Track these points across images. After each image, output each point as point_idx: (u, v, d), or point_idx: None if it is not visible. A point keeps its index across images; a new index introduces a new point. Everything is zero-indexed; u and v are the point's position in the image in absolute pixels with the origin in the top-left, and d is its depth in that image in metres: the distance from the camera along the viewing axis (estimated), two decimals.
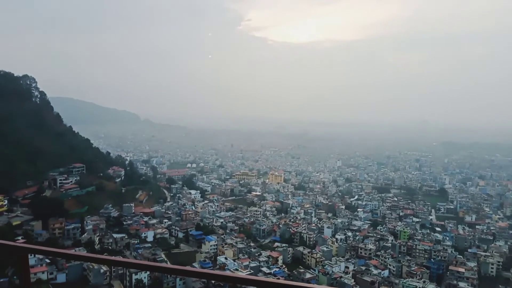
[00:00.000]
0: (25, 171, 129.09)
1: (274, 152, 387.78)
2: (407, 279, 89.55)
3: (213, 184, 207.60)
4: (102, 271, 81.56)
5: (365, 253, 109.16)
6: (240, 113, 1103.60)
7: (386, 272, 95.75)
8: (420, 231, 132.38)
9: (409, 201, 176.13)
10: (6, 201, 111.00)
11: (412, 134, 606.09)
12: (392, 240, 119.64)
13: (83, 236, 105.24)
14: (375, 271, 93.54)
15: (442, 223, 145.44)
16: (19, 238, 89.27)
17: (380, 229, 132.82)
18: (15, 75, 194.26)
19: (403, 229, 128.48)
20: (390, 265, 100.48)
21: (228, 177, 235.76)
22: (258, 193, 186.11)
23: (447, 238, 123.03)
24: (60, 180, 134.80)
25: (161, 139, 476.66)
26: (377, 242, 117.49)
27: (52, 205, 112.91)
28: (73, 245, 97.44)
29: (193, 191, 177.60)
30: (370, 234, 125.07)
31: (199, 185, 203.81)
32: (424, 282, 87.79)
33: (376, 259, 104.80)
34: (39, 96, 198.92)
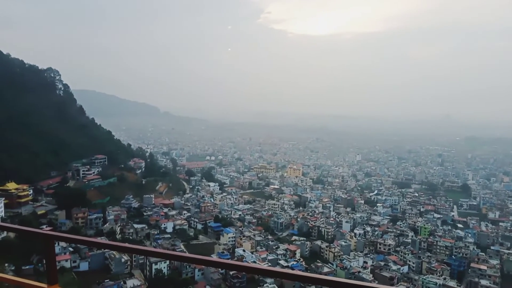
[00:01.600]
0: (49, 162, 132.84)
1: (293, 146, 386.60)
2: (427, 276, 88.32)
3: (231, 176, 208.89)
4: (123, 260, 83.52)
5: (384, 249, 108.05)
6: (259, 106, 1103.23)
7: (405, 268, 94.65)
8: (441, 228, 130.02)
9: (430, 196, 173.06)
10: (31, 191, 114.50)
11: (434, 128, 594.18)
12: (412, 236, 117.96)
13: (105, 226, 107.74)
14: (394, 267, 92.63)
15: (464, 219, 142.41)
16: (44, 226, 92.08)
17: (400, 224, 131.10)
18: (39, 67, 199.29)
19: (424, 225, 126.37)
20: (409, 261, 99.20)
21: (246, 170, 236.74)
22: (276, 187, 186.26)
23: (469, 235, 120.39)
24: (83, 171, 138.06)
25: (180, 132, 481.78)
26: (396, 238, 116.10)
27: (75, 195, 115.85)
28: (95, 234, 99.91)
29: (211, 184, 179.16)
30: (389, 230, 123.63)
31: (218, 177, 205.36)
32: (444, 279, 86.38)
33: (395, 255, 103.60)
34: (62, 88, 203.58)
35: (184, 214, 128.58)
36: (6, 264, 68.59)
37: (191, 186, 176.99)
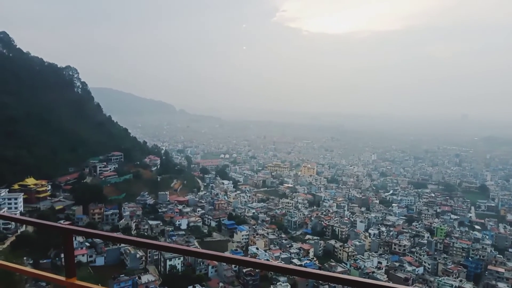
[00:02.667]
0: (67, 158, 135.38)
1: (307, 144, 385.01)
2: (442, 277, 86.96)
3: (245, 175, 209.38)
4: (138, 255, 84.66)
5: (399, 249, 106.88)
6: (273, 105, 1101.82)
7: (420, 269, 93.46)
8: (458, 229, 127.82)
9: (447, 197, 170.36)
10: (49, 187, 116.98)
11: (452, 128, 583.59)
12: (428, 237, 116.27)
13: (121, 221, 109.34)
14: (409, 268, 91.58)
15: (482, 221, 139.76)
16: (62, 221, 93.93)
17: (416, 225, 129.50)
18: (58, 66, 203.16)
19: (440, 226, 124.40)
20: (425, 262, 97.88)
21: (260, 168, 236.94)
22: (290, 185, 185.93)
23: (487, 237, 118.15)
24: (100, 167, 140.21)
25: (195, 130, 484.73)
26: (412, 239, 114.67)
27: (92, 191, 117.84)
28: (111, 230, 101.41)
29: (226, 181, 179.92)
30: (404, 230, 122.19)
31: (232, 175, 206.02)
32: (460, 281, 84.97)
33: (410, 256, 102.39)
34: (80, 86, 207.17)
35: (198, 211, 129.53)
36: (25, 258, 70.24)
37: (205, 184, 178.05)
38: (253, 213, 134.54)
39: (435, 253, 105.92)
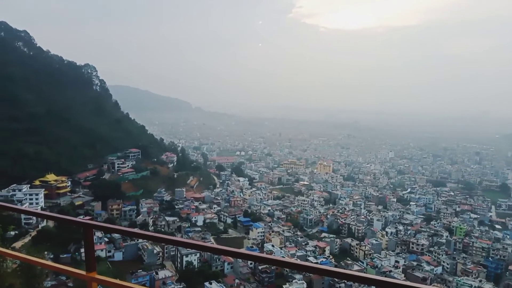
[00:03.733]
0: (86, 155, 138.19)
1: (323, 142, 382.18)
2: (462, 277, 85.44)
3: (261, 172, 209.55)
4: (155, 251, 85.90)
5: (417, 248, 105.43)
6: (289, 102, 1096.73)
7: (439, 269, 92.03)
8: (478, 228, 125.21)
9: (467, 196, 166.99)
10: (69, 183, 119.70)
11: (472, 125, 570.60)
12: (447, 236, 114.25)
13: (139, 217, 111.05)
14: (427, 267, 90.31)
15: (503, 220, 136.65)
16: (81, 217, 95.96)
17: (434, 224, 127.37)
18: (77, 64, 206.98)
19: (460, 225, 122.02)
20: (443, 262, 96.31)
21: (276, 165, 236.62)
22: (305, 183, 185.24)
23: (508, 237, 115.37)
24: (118, 164, 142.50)
25: (211, 127, 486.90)
26: (430, 238, 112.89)
27: (110, 187, 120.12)
28: (129, 225, 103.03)
29: (241, 178, 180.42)
30: (423, 229, 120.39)
31: (247, 172, 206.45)
32: (480, 281, 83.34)
33: (428, 255, 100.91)
34: (99, 84, 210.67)
35: (214, 208, 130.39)
36: (46, 252, 71.98)
37: (221, 181, 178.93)
38: (269, 210, 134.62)
39: (454, 252, 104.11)
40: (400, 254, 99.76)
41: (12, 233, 74.83)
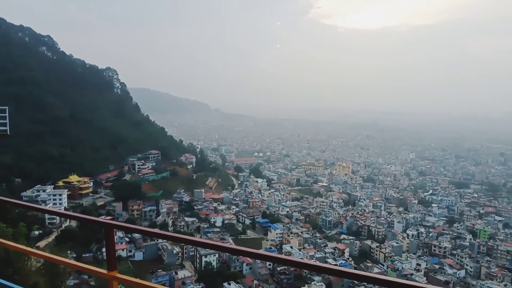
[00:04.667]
0: (107, 156, 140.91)
1: (342, 143, 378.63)
2: (486, 281, 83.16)
3: (279, 173, 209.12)
4: (175, 251, 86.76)
5: (439, 251, 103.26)
6: (308, 103, 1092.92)
7: (462, 272, 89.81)
8: (502, 231, 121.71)
9: (491, 198, 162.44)
10: (91, 183, 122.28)
11: (496, 125, 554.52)
12: (470, 239, 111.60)
13: (158, 218, 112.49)
14: (450, 271, 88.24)
15: None
16: (103, 217, 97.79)
17: (457, 226, 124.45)
18: (99, 67, 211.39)
19: (483, 228, 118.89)
20: (467, 265, 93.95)
21: (294, 166, 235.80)
22: (324, 184, 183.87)
23: None
24: (138, 165, 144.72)
25: (229, 128, 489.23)
26: (453, 240, 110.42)
27: (131, 188, 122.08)
28: (149, 226, 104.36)
29: (259, 180, 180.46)
30: (445, 231, 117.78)
31: (266, 173, 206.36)
32: (505, 285, 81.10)
33: (451, 258, 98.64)
34: (120, 87, 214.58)
35: (233, 209, 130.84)
36: (68, 251, 73.62)
37: (239, 182, 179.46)
38: (287, 211, 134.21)
39: (478, 255, 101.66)
40: (422, 257, 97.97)
41: (36, 232, 76.75)
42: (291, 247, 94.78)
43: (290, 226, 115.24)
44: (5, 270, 8.69)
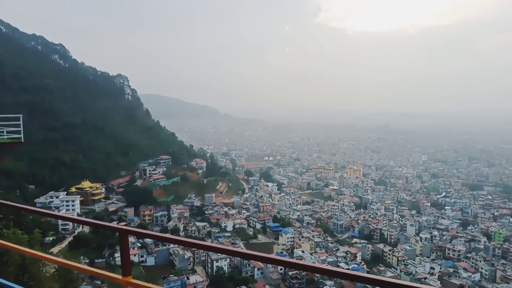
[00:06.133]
0: (119, 162, 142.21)
1: (353, 146, 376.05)
2: (501, 285, 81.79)
3: (289, 177, 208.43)
4: (186, 256, 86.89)
5: (453, 254, 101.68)
6: (317, 106, 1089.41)
7: (477, 276, 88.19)
8: None
9: (505, 199, 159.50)
10: (103, 189, 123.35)
11: (510, 126, 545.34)
12: (485, 242, 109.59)
13: (170, 223, 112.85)
14: (464, 274, 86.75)
15: None
16: (115, 222, 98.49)
17: (471, 229, 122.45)
18: (110, 74, 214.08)
19: (498, 230, 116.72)
20: (482, 268, 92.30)
21: (304, 170, 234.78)
22: (335, 187, 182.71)
23: None
24: (149, 170, 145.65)
25: (239, 133, 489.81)
26: (467, 243, 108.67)
27: (142, 194, 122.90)
28: (160, 231, 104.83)
29: (270, 184, 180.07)
30: (459, 234, 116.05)
31: (276, 177, 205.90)
32: None
33: (466, 262, 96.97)
34: (130, 93, 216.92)
35: (244, 213, 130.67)
36: (82, 257, 74.18)
37: (250, 186, 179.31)
38: (298, 215, 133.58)
39: (493, 258, 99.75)
40: (436, 261, 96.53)
41: (50, 238, 77.53)
42: (303, 251, 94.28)
43: (301, 230, 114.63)
44: (21, 276, 8.84)
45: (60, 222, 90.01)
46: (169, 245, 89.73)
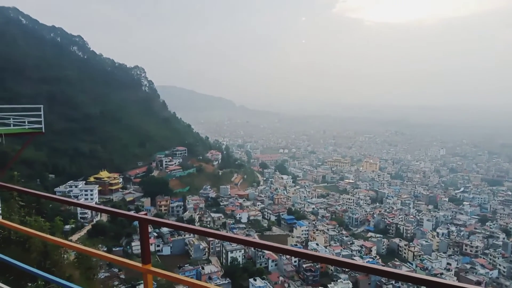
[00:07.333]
0: (136, 153, 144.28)
1: (369, 139, 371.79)
2: None
3: (304, 170, 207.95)
4: (201, 247, 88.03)
5: (471, 250, 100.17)
6: (333, 99, 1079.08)
7: (495, 273, 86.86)
8: None
9: None
10: (121, 179, 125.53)
11: None
12: (503, 238, 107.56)
13: (185, 213, 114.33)
14: (481, 271, 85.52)
15: None
16: (132, 212, 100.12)
17: (490, 225, 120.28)
18: (127, 66, 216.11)
19: None
20: (500, 265, 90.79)
21: (320, 163, 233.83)
22: (351, 181, 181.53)
23: None
24: (166, 161, 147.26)
25: (255, 125, 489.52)
26: (485, 239, 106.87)
27: (159, 184, 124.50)
28: (176, 221, 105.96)
29: (285, 176, 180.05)
30: (477, 230, 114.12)
31: (291, 170, 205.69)
32: None
33: (483, 258, 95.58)
34: (147, 85, 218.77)
35: (258, 205, 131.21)
36: (100, 245, 75.89)
37: (264, 178, 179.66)
38: (313, 208, 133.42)
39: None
40: (452, 256, 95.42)
41: (68, 226, 79.31)
42: (317, 244, 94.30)
43: (315, 223, 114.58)
44: (43, 263, 9.11)
45: (79, 210, 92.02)
46: (184, 235, 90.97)
